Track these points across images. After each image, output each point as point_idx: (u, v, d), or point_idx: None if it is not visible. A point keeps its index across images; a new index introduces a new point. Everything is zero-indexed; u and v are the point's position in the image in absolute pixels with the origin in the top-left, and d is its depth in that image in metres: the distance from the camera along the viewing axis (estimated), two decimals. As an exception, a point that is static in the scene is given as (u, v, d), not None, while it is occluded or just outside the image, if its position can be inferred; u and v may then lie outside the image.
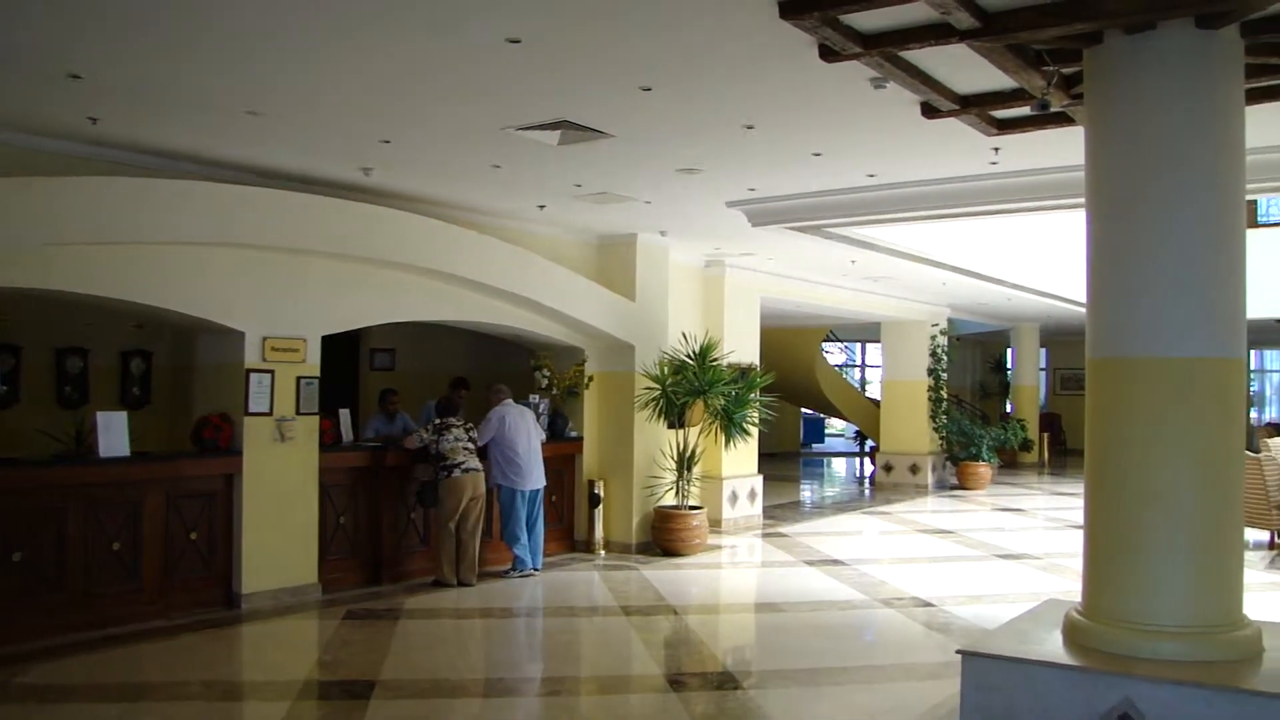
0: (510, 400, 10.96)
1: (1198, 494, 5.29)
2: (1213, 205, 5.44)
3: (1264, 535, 13.12)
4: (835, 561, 11.84)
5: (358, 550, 10.15)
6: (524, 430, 10.75)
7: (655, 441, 12.46)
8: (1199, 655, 5.15)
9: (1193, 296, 5.35)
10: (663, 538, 12.11)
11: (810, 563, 11.79)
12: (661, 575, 10.93)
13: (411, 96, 7.07)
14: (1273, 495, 12.67)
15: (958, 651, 5.60)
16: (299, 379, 9.44)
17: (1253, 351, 30.94)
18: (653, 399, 12.07)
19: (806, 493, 20.55)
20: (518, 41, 5.87)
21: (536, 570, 10.84)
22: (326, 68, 6.46)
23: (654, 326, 12.69)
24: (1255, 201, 23.92)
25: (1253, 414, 30.94)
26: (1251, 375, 31.64)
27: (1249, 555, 12.24)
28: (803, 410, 28.95)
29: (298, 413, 9.43)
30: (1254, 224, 23.75)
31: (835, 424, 32.37)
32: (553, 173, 9.27)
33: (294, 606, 9.11)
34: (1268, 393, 32.67)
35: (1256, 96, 6.66)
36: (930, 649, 8.11)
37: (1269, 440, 16.36)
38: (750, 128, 7.66)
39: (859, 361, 33.10)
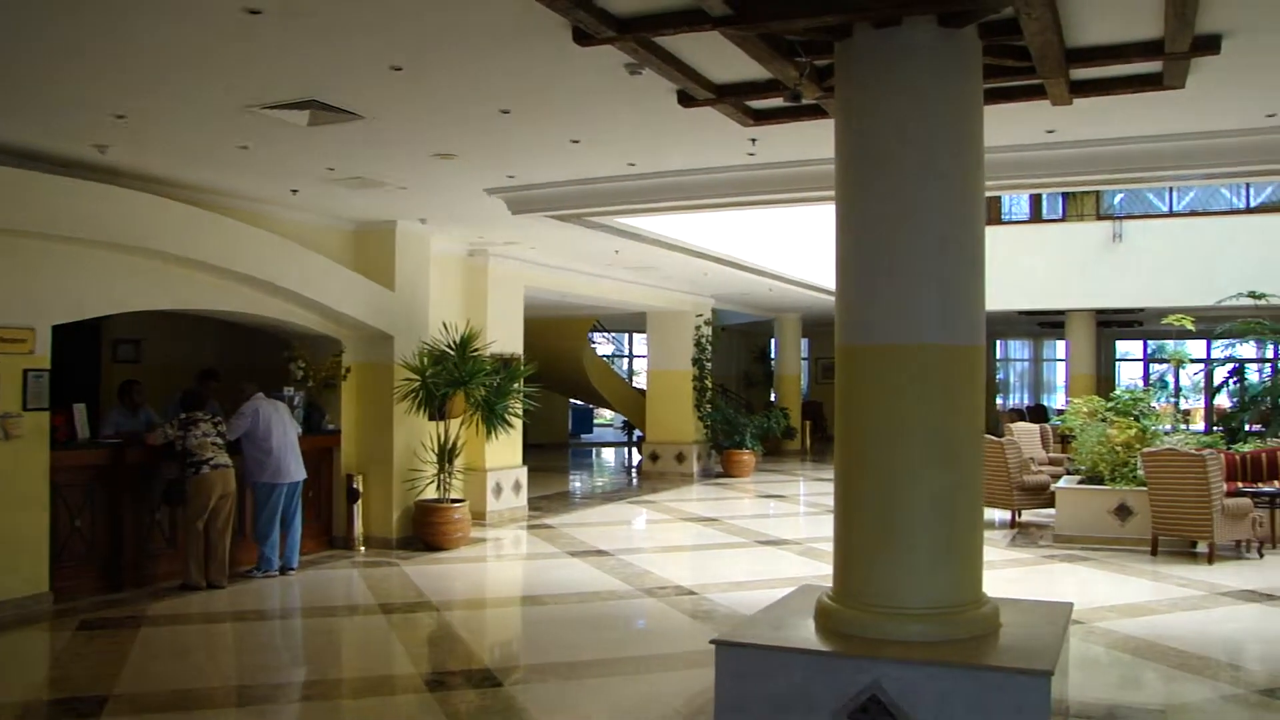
0: (262, 394, 10.46)
1: (939, 478, 5.44)
2: (953, 199, 5.59)
3: (1006, 514, 13.79)
4: (600, 552, 11.80)
5: (95, 555, 9.46)
6: (278, 424, 10.29)
7: (416, 434, 12.15)
8: (943, 635, 5.29)
9: (933, 286, 5.49)
10: (424, 532, 11.82)
11: (575, 554, 11.72)
12: (423, 571, 10.65)
13: (145, 68, 6.57)
14: (1014, 477, 13.34)
15: (711, 641, 5.58)
16: (26, 371, 8.71)
17: (998, 341, 32.73)
18: (412, 390, 11.74)
19: (574, 483, 20.54)
20: (258, 13, 5.51)
21: (293, 569, 10.40)
22: (51, 32, 5.91)
23: (414, 316, 12.35)
24: (999, 199, 25.33)
25: (998, 400, 32.71)
26: (998, 364, 33.46)
27: (992, 534, 12.87)
28: (572, 401, 28.99)
29: (24, 408, 8.69)
30: (999, 221, 25.12)
31: (604, 414, 32.56)
32: (304, 155, 8.86)
33: (20, 619, 8.39)
34: (1012, 380, 34.59)
35: (995, 97, 6.92)
36: (691, 638, 8.13)
37: (1012, 425, 17.32)
38: (506, 112, 7.48)
39: (627, 352, 33.36)
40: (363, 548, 11.78)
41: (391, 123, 7.80)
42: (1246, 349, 18.89)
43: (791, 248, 17.25)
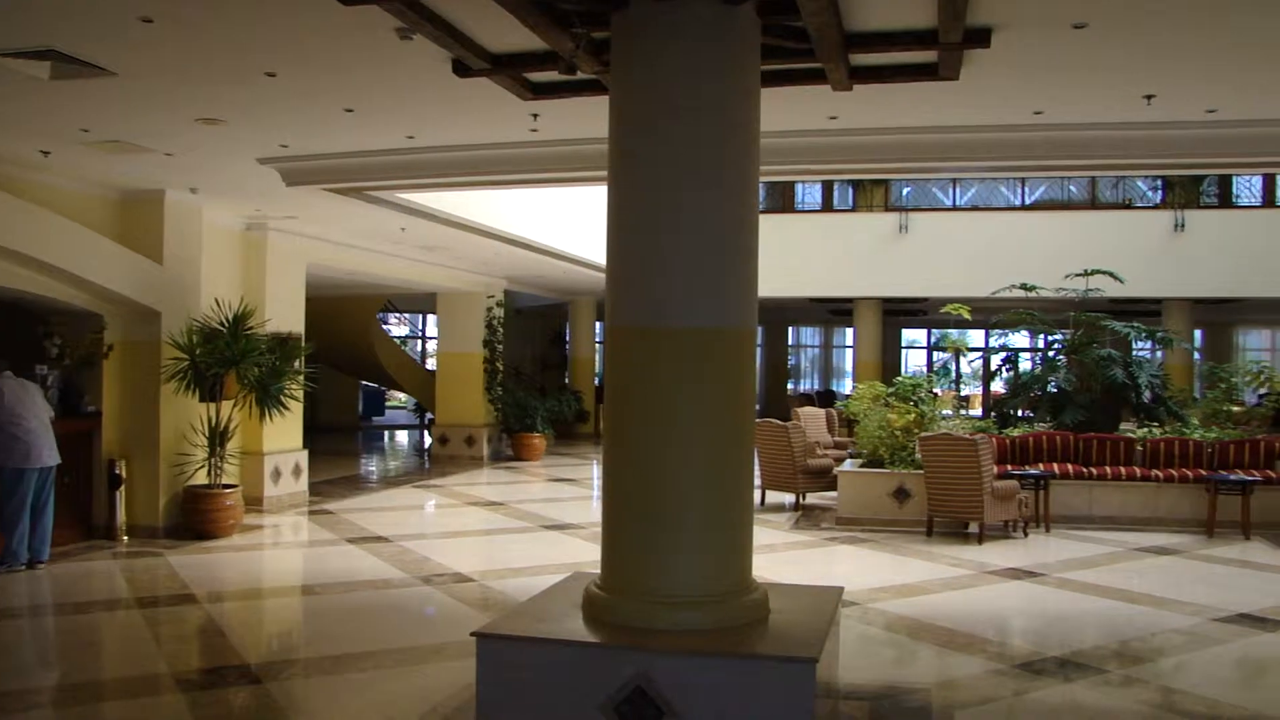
0: (10, 373, 9.68)
1: (709, 462, 5.34)
2: (727, 181, 5.47)
3: (791, 497, 13.99)
4: (380, 538, 11.41)
5: None
6: (28, 405, 9.56)
7: (185, 416, 11.48)
8: (711, 623, 5.20)
9: (704, 269, 5.38)
10: (194, 520, 11.19)
11: (353, 540, 11.29)
12: (189, 561, 10.07)
13: None
14: (799, 460, 13.53)
15: (472, 634, 5.35)
16: None
17: (791, 328, 33.44)
18: (180, 370, 11.08)
19: (361, 467, 19.96)
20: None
21: (43, 562, 9.67)
22: None
23: (184, 292, 11.65)
24: (793, 188, 25.81)
25: (790, 385, 33.44)
26: (790, 350, 34.19)
27: (777, 517, 13.04)
28: (363, 382, 28.25)
29: None
30: (792, 209, 25.60)
31: (397, 396, 31.87)
32: (52, 113, 8.13)
33: None
34: (804, 366, 35.41)
35: (776, 79, 6.88)
36: (466, 627, 7.79)
37: (800, 410, 17.61)
38: (272, 75, 7.03)
39: (421, 333, 32.72)
40: (125, 537, 11.07)
41: (147, 82, 7.22)
42: (1019, 338, 19.70)
43: (585, 229, 17.11)
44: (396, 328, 31.44)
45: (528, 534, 12.05)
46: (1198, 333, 27.44)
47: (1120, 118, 8.25)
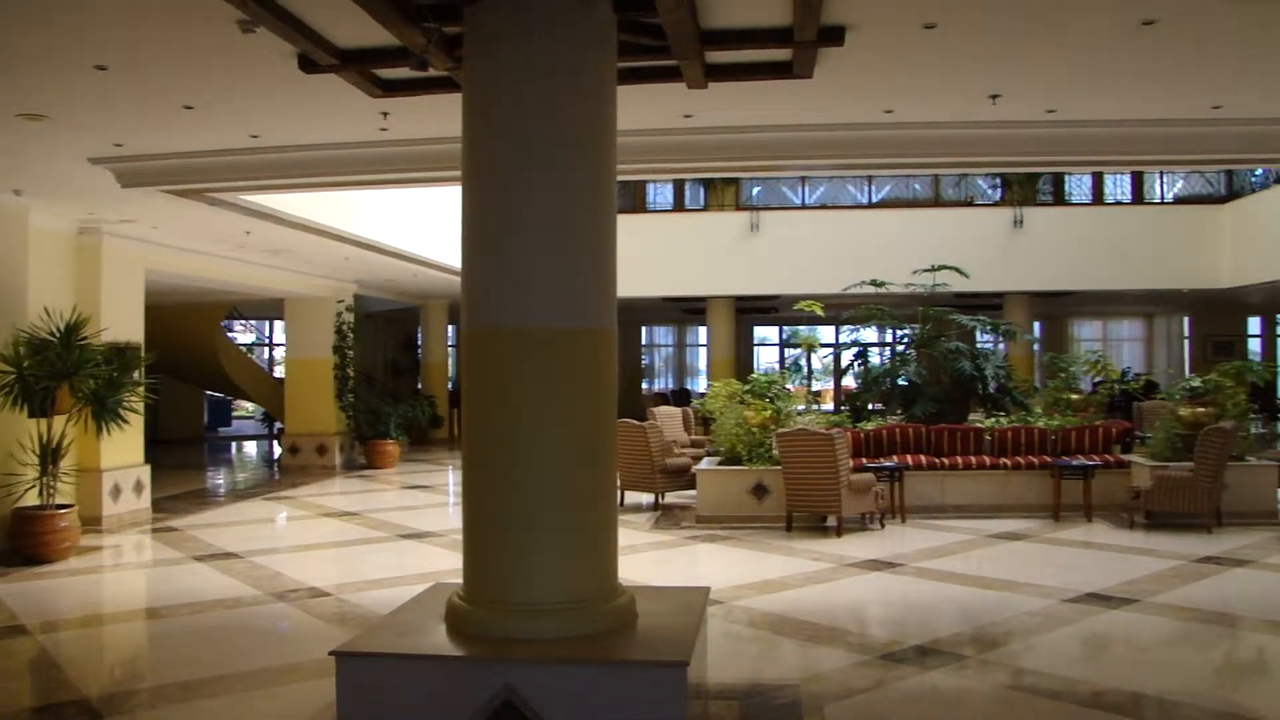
0: None
1: (569, 466, 5.24)
2: (582, 180, 5.38)
3: (650, 497, 13.98)
4: (229, 555, 10.98)
5: None
6: None
7: (13, 433, 10.84)
8: (578, 630, 5.11)
9: (559, 269, 5.28)
10: (25, 544, 10.56)
11: (201, 558, 10.84)
12: (19, 589, 9.48)
13: None
14: (656, 460, 13.52)
15: (331, 653, 5.13)
16: None
17: (644, 327, 33.52)
18: (6, 384, 10.47)
19: (207, 481, 19.25)
20: None
21: None
22: None
23: (8, 301, 11.00)
24: (644, 188, 25.87)
25: (644, 385, 33.52)
26: (643, 349, 34.27)
27: (637, 517, 12.99)
28: (207, 392, 27.34)
29: None
30: (643, 209, 25.65)
31: (244, 406, 30.94)
32: None
33: None
34: (657, 365, 35.52)
35: (631, 77, 6.81)
36: (325, 643, 7.51)
37: (655, 409, 17.62)
38: (103, 68, 6.66)
39: (268, 339, 31.83)
40: (-52, 564, 10.43)
41: (-42, 73, 6.79)
42: (870, 334, 20.10)
43: (437, 231, 16.83)
44: (242, 335, 30.50)
45: (384, 544, 11.75)
46: (1036, 325, 28.45)
47: (967, 117, 8.44)
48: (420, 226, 16.47)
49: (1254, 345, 31.76)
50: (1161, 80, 7.55)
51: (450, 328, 27.28)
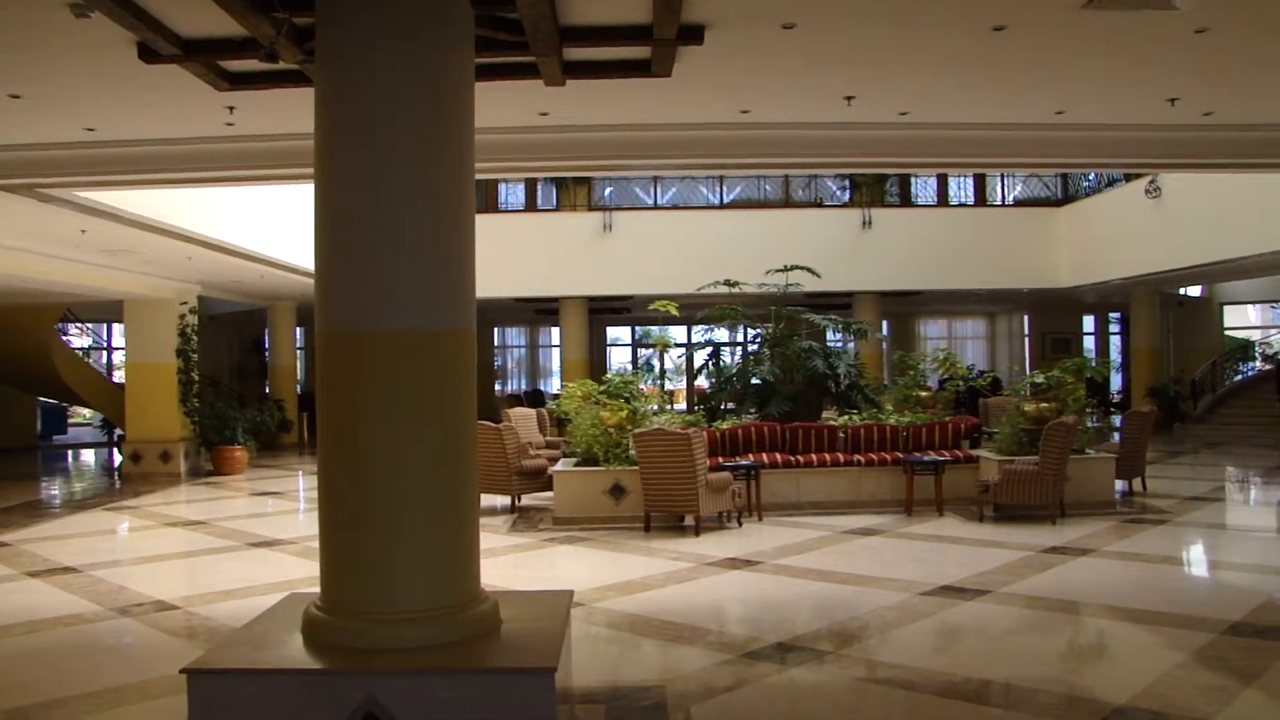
0: None
1: (429, 469, 5.12)
2: (438, 178, 5.25)
3: (506, 500, 13.83)
4: (68, 569, 10.45)
5: None
6: None
7: None
8: (441, 638, 4.98)
9: (416, 269, 5.15)
10: None
11: (36, 574, 10.28)
12: None
13: None
14: (512, 462, 13.39)
15: (182, 670, 4.90)
16: None
17: (496, 328, 33.28)
18: None
19: (42, 491, 18.38)
20: None
21: None
22: None
23: None
24: (496, 187, 25.66)
25: (497, 386, 33.27)
26: (496, 350, 34.02)
27: (494, 520, 12.84)
28: (40, 399, 26.12)
29: None
30: (495, 209, 25.44)
31: (81, 412, 29.68)
32: None
33: None
34: (510, 366, 35.29)
35: (488, 74, 6.71)
36: (173, 660, 7.19)
37: (510, 411, 17.47)
38: (-84, 54, 6.28)
39: (106, 343, 30.60)
40: None
41: None
42: (723, 333, 20.28)
43: (285, 231, 16.37)
44: (78, 338, 29.24)
45: (234, 553, 11.36)
46: (885, 323, 29.14)
47: (822, 118, 8.56)
48: (268, 226, 15.99)
49: (1089, 342, 33.19)
50: (1010, 85, 7.77)
51: (299, 330, 26.63)
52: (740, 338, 23.22)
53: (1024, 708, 6.07)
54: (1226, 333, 30.34)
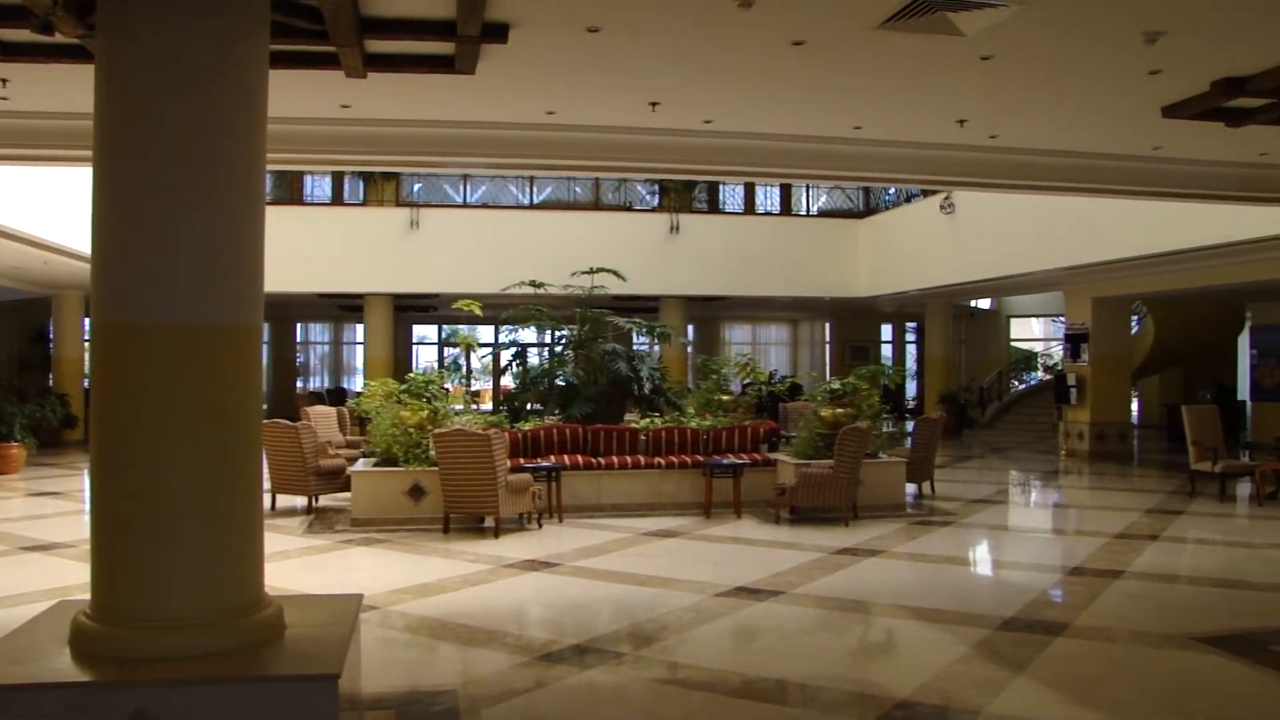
0: None
1: (211, 470, 4.89)
2: (226, 166, 5.04)
3: (303, 500, 13.46)
4: None
5: None
6: None
7: None
8: (220, 646, 4.78)
9: (203, 260, 4.93)
10: None
11: None
12: None
13: None
14: (310, 461, 13.04)
15: (-67, 687, 4.57)
16: None
17: (298, 324, 32.42)
18: None
19: None
20: None
21: None
22: None
23: None
24: (301, 179, 24.97)
25: (299, 383, 32.41)
26: (298, 347, 33.15)
27: (289, 521, 12.49)
28: None
29: None
30: (300, 201, 24.76)
31: None
32: None
33: None
34: (313, 363, 34.43)
35: (287, 61, 6.51)
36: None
37: (310, 409, 17.02)
38: None
39: None
40: None
41: None
42: (529, 334, 20.22)
43: (72, 216, 15.54)
44: None
45: (4, 558, 10.70)
46: (691, 328, 29.59)
47: (628, 122, 8.61)
48: (53, 210, 15.16)
49: (887, 350, 34.44)
50: (809, 99, 7.97)
51: (87, 320, 25.31)
52: (547, 339, 23.21)
53: (815, 704, 6.26)
54: (1013, 344, 31.96)
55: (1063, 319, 23.09)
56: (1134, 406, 24.73)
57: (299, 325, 33.11)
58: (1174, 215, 14.66)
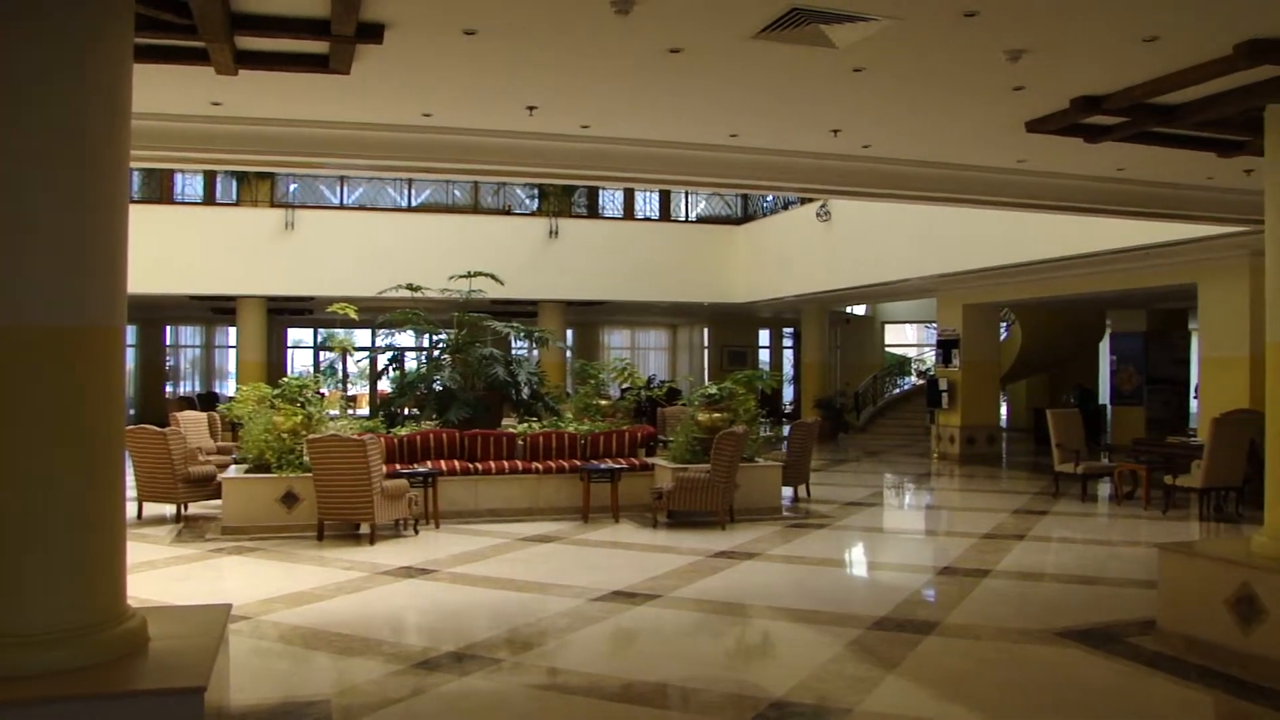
0: None
1: (64, 477, 4.68)
2: (86, 162, 4.84)
3: (172, 508, 13.12)
4: None
5: None
6: None
7: None
8: (77, 661, 4.57)
9: (63, 262, 4.72)
10: None
11: None
12: None
13: None
14: (179, 468, 12.70)
15: None
16: None
17: (168, 327, 31.57)
18: None
19: None
20: None
21: None
22: None
23: None
24: (171, 177, 24.32)
25: (168, 388, 31.56)
26: (168, 350, 32.28)
27: (157, 530, 12.16)
28: None
29: None
30: (170, 201, 24.12)
31: None
32: None
33: None
34: (184, 367, 33.57)
35: (154, 56, 6.33)
36: None
37: (179, 414, 16.57)
38: None
39: None
40: None
41: None
42: (406, 338, 20.00)
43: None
44: None
45: None
46: (569, 332, 29.59)
47: (505, 126, 8.57)
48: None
49: (764, 355, 34.89)
50: (686, 106, 8.02)
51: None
52: (425, 343, 23.01)
53: (693, 706, 6.33)
54: (887, 349, 32.67)
55: (935, 325, 23.67)
56: (1003, 411, 25.46)
57: (168, 328, 32.23)
58: (1038, 226, 15.14)
